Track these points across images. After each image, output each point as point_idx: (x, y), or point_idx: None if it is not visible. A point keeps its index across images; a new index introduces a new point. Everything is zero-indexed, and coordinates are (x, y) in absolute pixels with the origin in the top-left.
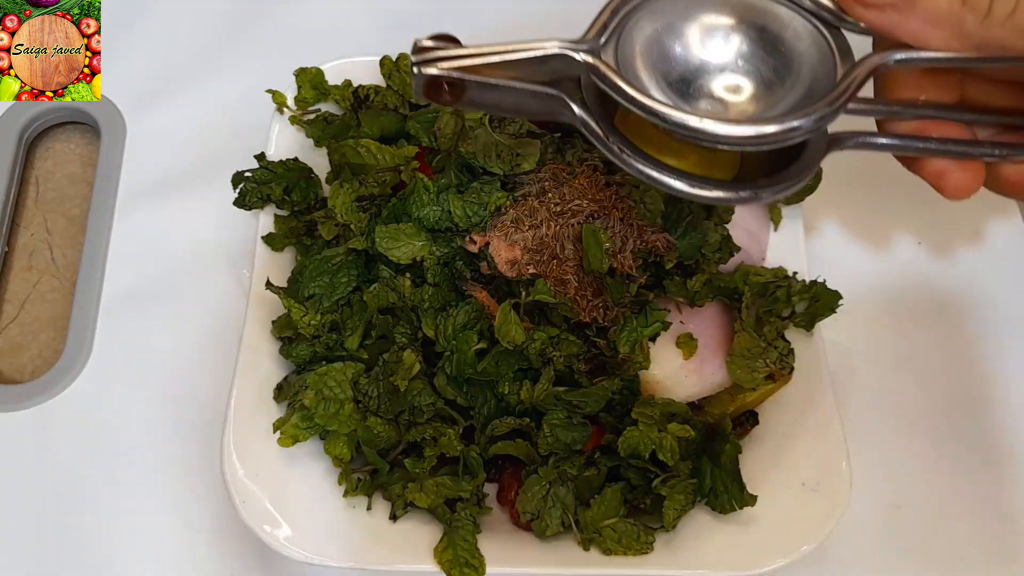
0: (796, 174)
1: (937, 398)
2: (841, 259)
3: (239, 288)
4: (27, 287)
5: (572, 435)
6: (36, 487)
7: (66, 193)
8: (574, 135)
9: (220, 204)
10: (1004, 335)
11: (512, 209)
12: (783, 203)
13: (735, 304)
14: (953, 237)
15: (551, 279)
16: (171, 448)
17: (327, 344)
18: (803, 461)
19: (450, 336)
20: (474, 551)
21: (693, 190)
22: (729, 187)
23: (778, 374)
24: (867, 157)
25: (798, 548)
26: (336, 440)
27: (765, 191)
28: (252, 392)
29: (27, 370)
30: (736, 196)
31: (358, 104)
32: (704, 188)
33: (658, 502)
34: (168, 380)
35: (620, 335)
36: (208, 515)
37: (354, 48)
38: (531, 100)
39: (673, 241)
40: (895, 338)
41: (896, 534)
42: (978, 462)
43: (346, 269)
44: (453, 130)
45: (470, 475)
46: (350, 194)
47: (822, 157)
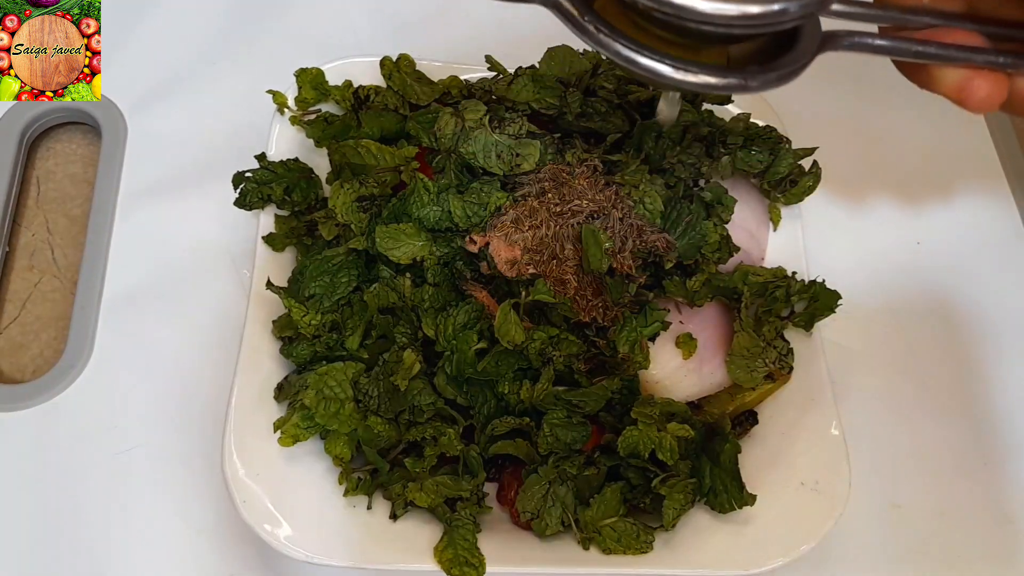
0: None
1: (936, 398)
2: (840, 259)
3: (240, 288)
4: (28, 287)
5: (572, 434)
6: (37, 487)
7: (67, 193)
8: (574, 136)
9: (221, 204)
10: (1003, 335)
11: (512, 209)
12: (783, 203)
13: (734, 304)
14: (953, 237)
15: (551, 279)
16: (172, 447)
17: (327, 344)
18: (802, 461)
19: (450, 336)
20: (474, 550)
21: (677, 74)
22: (716, 71)
23: (777, 374)
24: (867, 157)
25: (797, 547)
26: (336, 440)
27: (755, 78)
28: (253, 392)
29: (28, 370)
30: (724, 82)
31: (358, 104)
32: (689, 72)
33: (657, 501)
34: (169, 380)
35: (620, 335)
36: (209, 514)
37: (354, 48)
38: None
39: (672, 241)
40: (894, 338)
41: (895, 534)
42: (977, 462)
43: (346, 269)
44: (453, 130)
45: (470, 474)
46: (350, 194)
47: (815, 53)
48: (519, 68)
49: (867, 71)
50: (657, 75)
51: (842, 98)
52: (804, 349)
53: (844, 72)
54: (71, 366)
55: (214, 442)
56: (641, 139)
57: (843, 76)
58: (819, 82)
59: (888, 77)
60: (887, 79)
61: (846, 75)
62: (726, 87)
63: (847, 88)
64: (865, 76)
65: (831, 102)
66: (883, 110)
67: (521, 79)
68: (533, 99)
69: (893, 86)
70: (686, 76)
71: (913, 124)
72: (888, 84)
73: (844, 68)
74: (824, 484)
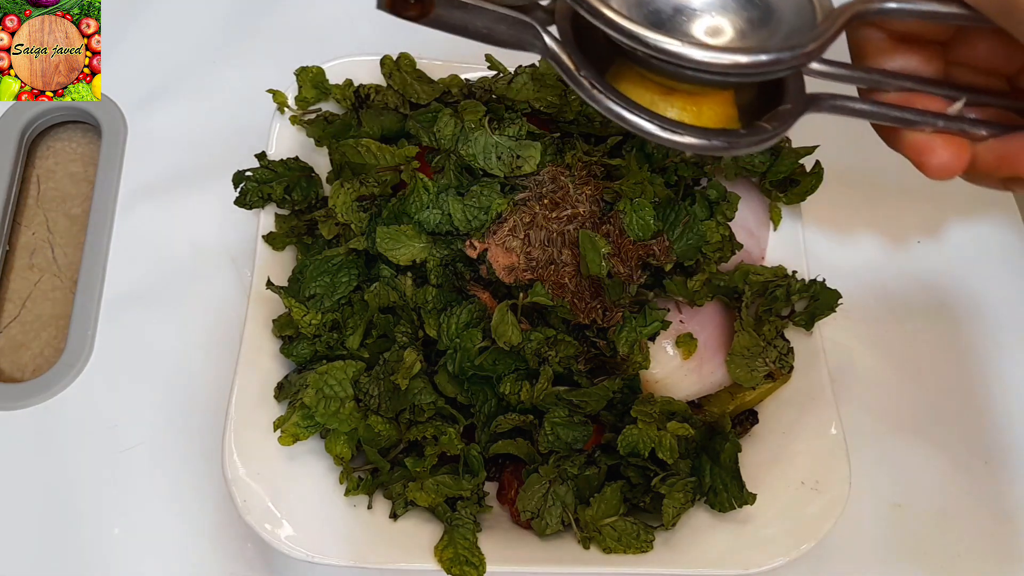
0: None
1: (936, 397)
2: (840, 258)
3: (240, 287)
4: (28, 286)
5: (573, 434)
6: (37, 486)
7: (67, 192)
8: (574, 136)
9: (221, 203)
10: (1003, 334)
11: (511, 216)
12: (783, 202)
13: (735, 303)
14: (953, 237)
15: (548, 283)
16: (172, 446)
17: (328, 343)
18: (802, 460)
19: (453, 335)
20: (474, 549)
21: (664, 133)
22: (702, 134)
23: (777, 373)
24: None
25: (797, 547)
26: (337, 439)
27: (741, 140)
28: (253, 391)
29: (28, 369)
30: (709, 143)
31: (359, 103)
32: (676, 133)
33: (658, 500)
34: (169, 379)
35: (619, 335)
36: (209, 514)
37: (355, 47)
38: (501, 25)
39: (670, 246)
40: (895, 337)
41: (895, 533)
42: (977, 461)
43: (347, 269)
44: (452, 131)
45: (470, 474)
46: (351, 194)
47: (800, 114)
48: (519, 67)
49: None
50: (645, 133)
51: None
52: (804, 348)
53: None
54: (71, 365)
55: (214, 441)
56: (643, 139)
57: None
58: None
59: None
60: None
61: None
62: (712, 148)
63: (847, 87)
64: None
65: None
66: None
67: (521, 78)
68: (533, 98)
69: None
70: (672, 136)
71: None
72: None
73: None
74: (824, 484)
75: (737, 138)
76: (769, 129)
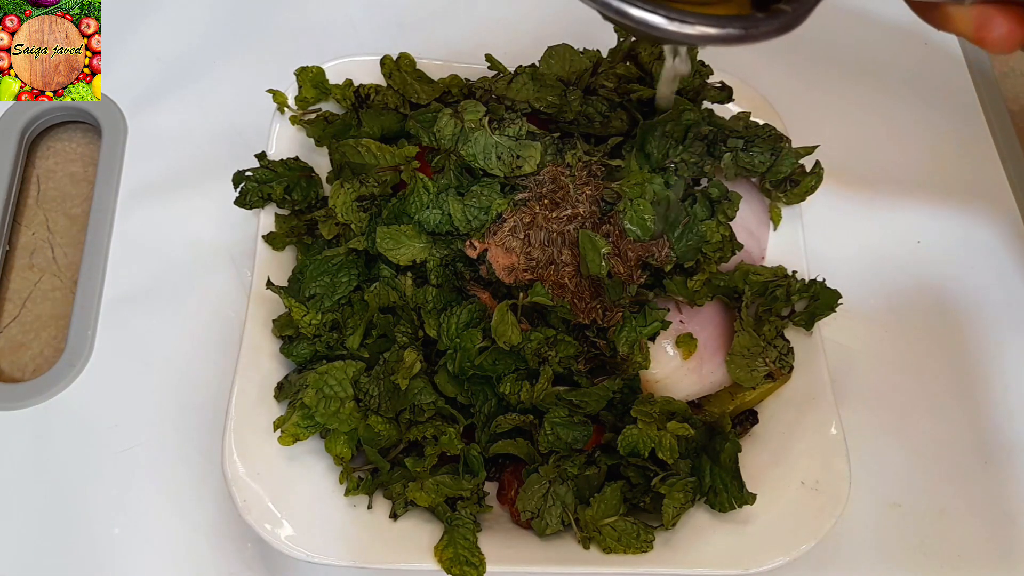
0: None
1: (936, 397)
2: (840, 258)
3: (240, 287)
4: (28, 286)
5: (573, 434)
6: (36, 486)
7: (67, 192)
8: (574, 136)
9: (221, 203)
10: (1003, 334)
11: (511, 216)
12: (783, 202)
13: (735, 303)
14: (953, 237)
15: (548, 283)
16: (172, 447)
17: (328, 343)
18: (802, 460)
19: (453, 334)
20: (474, 549)
21: (671, 25)
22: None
23: (777, 373)
24: (866, 155)
25: (797, 547)
26: (337, 439)
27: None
28: (253, 391)
29: (28, 369)
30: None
31: (359, 103)
32: (686, 23)
33: (658, 500)
34: (169, 379)
35: (619, 335)
36: (209, 514)
37: (355, 47)
38: None
39: (670, 247)
40: (895, 337)
41: (895, 533)
42: (977, 461)
43: (347, 269)
44: (452, 131)
45: (470, 474)
46: (351, 194)
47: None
48: (519, 67)
49: (868, 69)
50: (650, 27)
51: (842, 96)
52: (804, 348)
53: (844, 70)
54: (71, 365)
55: (214, 441)
56: (644, 139)
57: (843, 74)
58: (819, 80)
59: (889, 75)
60: (888, 77)
61: (846, 73)
62: (726, 37)
63: (847, 86)
64: (866, 74)
65: (831, 100)
66: (883, 108)
67: (521, 77)
68: (533, 98)
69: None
70: (681, 28)
71: (913, 123)
72: (889, 83)
73: (845, 67)
74: (824, 484)
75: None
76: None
